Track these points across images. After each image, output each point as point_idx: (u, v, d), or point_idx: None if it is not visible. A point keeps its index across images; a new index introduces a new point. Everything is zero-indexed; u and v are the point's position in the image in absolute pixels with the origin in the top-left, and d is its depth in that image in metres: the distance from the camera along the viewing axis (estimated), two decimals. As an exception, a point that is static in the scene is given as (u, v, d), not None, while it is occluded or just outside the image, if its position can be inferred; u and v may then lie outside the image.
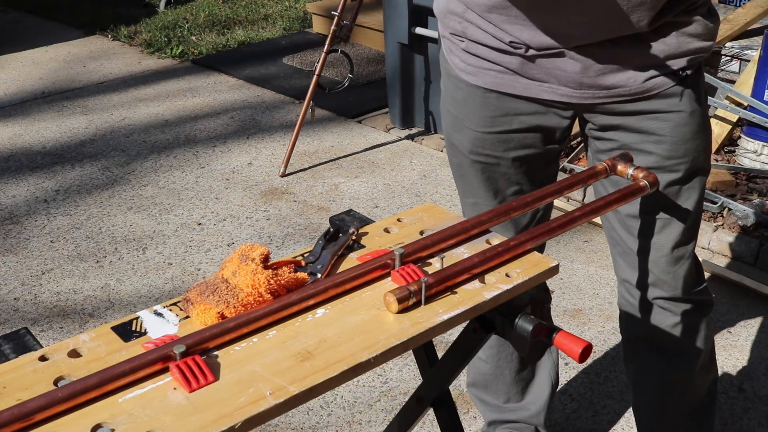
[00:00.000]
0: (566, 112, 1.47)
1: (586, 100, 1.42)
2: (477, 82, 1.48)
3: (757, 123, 3.20)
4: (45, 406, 0.83)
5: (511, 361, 1.84)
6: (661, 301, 1.58)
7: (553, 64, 1.39)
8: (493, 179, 1.57)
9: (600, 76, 1.38)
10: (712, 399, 1.76)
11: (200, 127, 4.00)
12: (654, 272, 1.55)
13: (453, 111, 1.56)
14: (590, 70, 1.38)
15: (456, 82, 1.53)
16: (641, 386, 1.75)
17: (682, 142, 1.42)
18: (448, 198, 3.30)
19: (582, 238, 2.99)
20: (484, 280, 1.07)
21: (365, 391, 2.28)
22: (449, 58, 1.53)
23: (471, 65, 1.47)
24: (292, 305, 1.00)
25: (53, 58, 4.97)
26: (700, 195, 1.51)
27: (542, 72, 1.41)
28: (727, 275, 2.71)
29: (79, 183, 3.47)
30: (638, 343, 1.69)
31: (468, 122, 1.52)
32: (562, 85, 1.41)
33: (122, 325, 0.99)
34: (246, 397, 0.87)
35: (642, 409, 1.78)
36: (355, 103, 4.19)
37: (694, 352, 1.64)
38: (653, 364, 1.68)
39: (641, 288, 1.59)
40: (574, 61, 1.37)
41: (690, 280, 1.57)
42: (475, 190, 1.60)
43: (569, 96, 1.42)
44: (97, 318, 2.60)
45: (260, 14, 5.74)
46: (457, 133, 1.56)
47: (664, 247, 1.52)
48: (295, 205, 3.26)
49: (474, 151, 1.54)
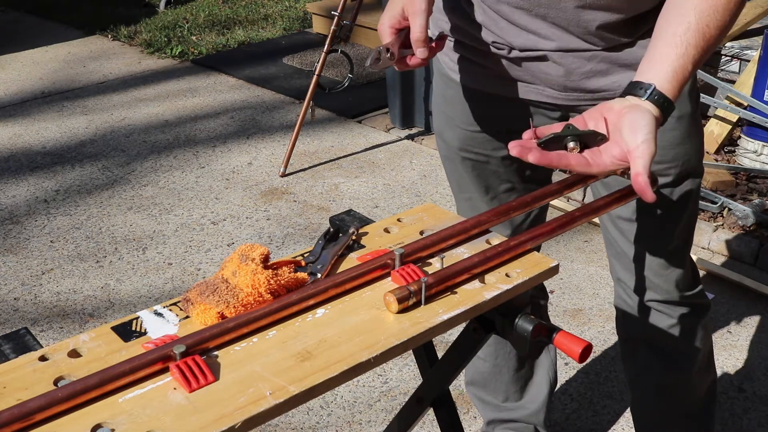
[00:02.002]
0: (553, 113, 1.46)
1: (571, 102, 1.42)
2: (465, 81, 1.48)
3: (757, 123, 3.20)
4: (45, 406, 0.83)
5: (510, 360, 1.84)
6: (656, 303, 1.57)
7: (537, 68, 1.38)
8: (484, 176, 1.57)
9: (584, 80, 1.37)
10: (711, 400, 1.76)
11: (200, 127, 4.00)
12: (647, 275, 1.55)
13: (443, 109, 1.57)
14: (573, 74, 1.37)
15: (446, 81, 1.53)
16: (639, 387, 1.74)
17: (671, 146, 1.41)
18: (448, 198, 3.30)
19: (582, 238, 2.99)
20: (484, 280, 1.07)
21: (365, 391, 2.28)
22: (440, 57, 1.53)
23: (459, 64, 1.47)
24: (292, 305, 1.00)
25: (53, 58, 4.97)
26: (693, 198, 1.49)
27: (527, 73, 1.40)
28: (727, 275, 2.71)
29: (79, 183, 3.47)
30: (635, 344, 1.68)
31: (457, 120, 1.53)
32: (547, 87, 1.41)
33: (122, 325, 0.99)
34: (246, 397, 0.87)
35: (640, 410, 1.78)
36: (355, 103, 4.20)
37: (691, 353, 1.64)
38: (650, 365, 1.68)
39: (636, 290, 1.59)
40: (557, 65, 1.36)
41: (684, 284, 1.56)
42: (468, 186, 1.61)
43: (554, 98, 1.42)
44: (97, 318, 2.60)
45: (260, 14, 5.74)
46: (448, 130, 1.57)
47: (656, 251, 1.51)
48: (295, 205, 3.26)
49: (464, 149, 1.55)
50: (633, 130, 1.07)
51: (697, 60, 1.15)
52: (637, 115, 1.08)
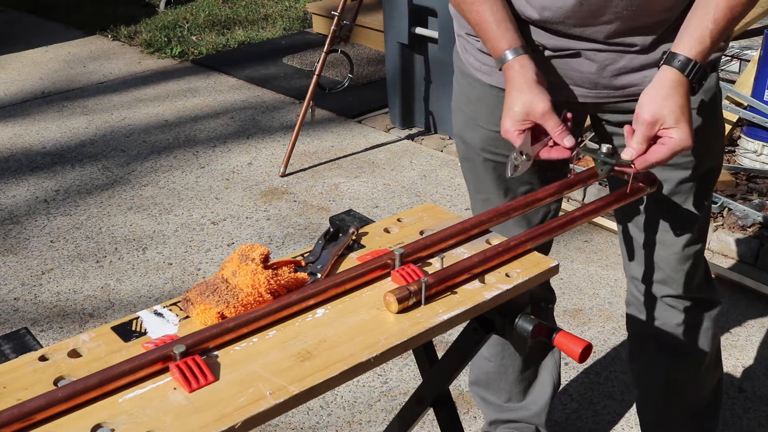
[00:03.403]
0: (579, 113, 1.47)
1: (600, 99, 1.42)
2: (491, 81, 1.48)
3: (757, 123, 3.20)
4: (45, 406, 0.83)
5: (515, 361, 1.84)
6: (670, 299, 1.58)
7: (568, 65, 1.39)
8: (504, 177, 1.56)
9: (615, 76, 1.39)
10: (716, 399, 1.76)
11: (200, 127, 4.00)
12: (664, 270, 1.55)
13: (466, 109, 1.56)
14: (606, 71, 1.38)
15: (470, 81, 1.53)
16: (646, 384, 1.75)
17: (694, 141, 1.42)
18: (448, 198, 3.30)
19: (582, 238, 2.99)
20: (484, 280, 1.07)
21: (365, 391, 2.28)
22: (464, 57, 1.53)
23: (486, 64, 1.47)
24: (292, 305, 1.00)
25: (53, 58, 4.97)
26: (710, 193, 1.51)
27: (556, 73, 1.41)
28: (727, 275, 2.71)
29: (79, 183, 3.47)
30: (645, 341, 1.69)
31: (481, 121, 1.52)
32: (576, 86, 1.41)
33: (122, 325, 0.99)
34: (246, 397, 0.87)
35: (646, 407, 1.78)
36: (355, 103, 4.19)
37: (700, 351, 1.64)
38: (659, 362, 1.68)
39: (650, 285, 1.59)
40: (590, 62, 1.37)
41: (699, 279, 1.58)
42: (487, 187, 1.60)
43: (584, 96, 1.42)
44: (97, 318, 2.60)
45: (260, 14, 5.74)
46: (470, 131, 1.56)
47: (675, 245, 1.52)
48: (295, 205, 3.26)
49: (486, 150, 1.54)
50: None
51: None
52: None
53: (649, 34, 1.34)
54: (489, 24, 1.32)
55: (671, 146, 1.24)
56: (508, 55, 1.31)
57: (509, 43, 1.31)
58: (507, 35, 1.31)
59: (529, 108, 1.28)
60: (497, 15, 1.32)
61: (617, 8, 1.29)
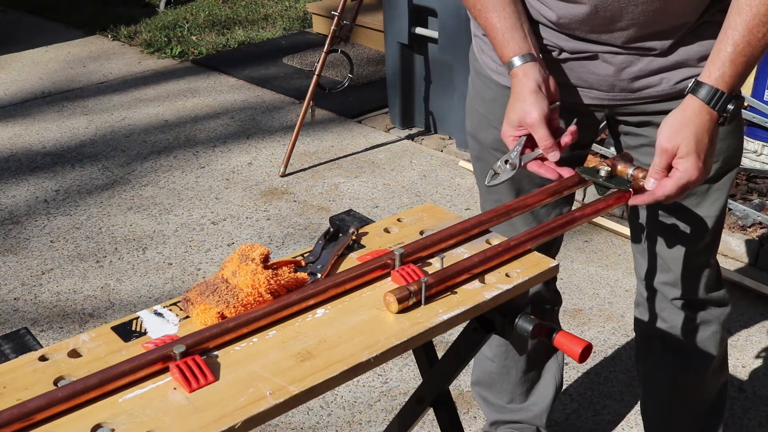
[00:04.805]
0: (595, 116, 1.47)
1: (617, 101, 1.42)
2: (507, 82, 1.47)
3: (757, 123, 3.20)
4: (45, 406, 0.83)
5: (518, 361, 1.83)
6: (679, 301, 1.58)
7: (585, 68, 1.39)
8: (517, 179, 1.56)
9: (633, 80, 1.38)
10: (721, 402, 1.76)
11: (200, 127, 4.00)
12: (675, 272, 1.55)
13: (480, 110, 1.56)
14: (624, 73, 1.38)
15: (486, 81, 1.53)
16: (651, 385, 1.74)
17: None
18: (448, 198, 3.30)
19: (582, 238, 2.99)
20: (484, 280, 1.07)
21: (365, 391, 2.28)
22: (480, 57, 1.53)
23: (502, 65, 1.47)
24: (292, 305, 1.00)
25: (53, 58, 4.97)
26: (727, 196, 1.50)
27: (574, 76, 1.41)
28: (727, 275, 2.71)
29: (79, 183, 3.47)
30: (652, 342, 1.68)
31: (495, 122, 1.52)
32: (593, 89, 1.41)
33: (122, 325, 0.99)
34: (246, 397, 0.87)
35: (650, 407, 1.78)
36: (355, 103, 4.19)
37: (707, 354, 1.64)
38: (665, 364, 1.68)
39: (660, 287, 1.59)
40: (607, 64, 1.37)
41: (710, 282, 1.57)
42: (499, 188, 1.60)
43: (600, 99, 1.42)
44: (97, 318, 2.60)
45: (260, 14, 5.74)
46: (483, 131, 1.56)
47: (688, 247, 1.52)
48: (295, 205, 3.26)
49: (499, 149, 1.54)
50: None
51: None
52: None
53: (667, 39, 1.34)
54: (497, 31, 1.33)
55: (675, 179, 1.23)
56: (514, 63, 1.32)
57: (515, 51, 1.32)
58: (513, 42, 1.32)
59: (522, 116, 1.30)
60: (505, 22, 1.32)
61: (633, 15, 1.29)
